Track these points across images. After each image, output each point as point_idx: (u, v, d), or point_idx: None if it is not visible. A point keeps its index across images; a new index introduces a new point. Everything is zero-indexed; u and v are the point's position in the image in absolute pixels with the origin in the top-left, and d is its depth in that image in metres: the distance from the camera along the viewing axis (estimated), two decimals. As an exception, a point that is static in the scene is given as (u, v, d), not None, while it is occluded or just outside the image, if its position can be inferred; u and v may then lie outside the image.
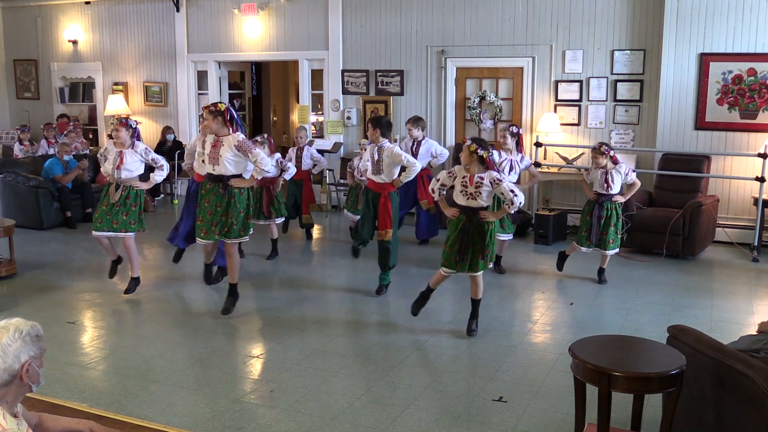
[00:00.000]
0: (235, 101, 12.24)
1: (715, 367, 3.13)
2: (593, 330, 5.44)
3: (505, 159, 6.92)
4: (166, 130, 11.54)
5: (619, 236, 6.78)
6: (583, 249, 6.83)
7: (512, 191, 5.15)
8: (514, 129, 7.04)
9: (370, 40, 10.28)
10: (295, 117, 13.60)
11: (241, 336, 5.52)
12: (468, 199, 5.24)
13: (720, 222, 8.31)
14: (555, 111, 9.26)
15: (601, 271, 6.90)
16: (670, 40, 8.39)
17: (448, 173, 5.38)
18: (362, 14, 10.27)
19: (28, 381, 2.35)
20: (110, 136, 6.32)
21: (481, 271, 5.35)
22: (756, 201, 7.95)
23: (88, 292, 6.61)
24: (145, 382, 4.59)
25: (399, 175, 6.32)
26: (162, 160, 6.39)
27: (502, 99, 9.63)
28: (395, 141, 8.40)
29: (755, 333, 3.71)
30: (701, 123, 8.41)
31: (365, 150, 7.58)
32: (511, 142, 6.97)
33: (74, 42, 12.63)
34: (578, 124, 9.18)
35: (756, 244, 7.83)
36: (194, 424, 4.00)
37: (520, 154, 7.03)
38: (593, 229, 6.69)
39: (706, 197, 8.05)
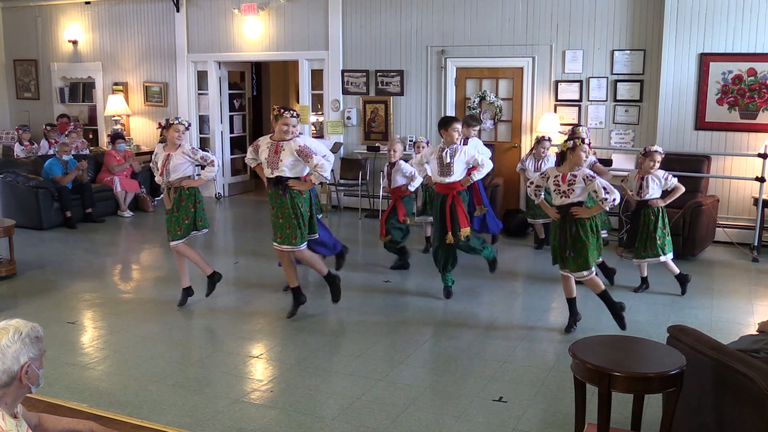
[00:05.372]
0: (235, 101, 12.23)
1: (715, 367, 3.13)
2: (593, 330, 5.44)
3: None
4: (166, 130, 11.52)
5: (669, 238, 6.34)
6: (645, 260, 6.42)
7: (604, 188, 5.15)
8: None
9: (370, 40, 10.28)
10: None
11: (241, 336, 5.51)
12: (561, 197, 5.27)
13: (720, 222, 8.30)
14: (555, 111, 9.26)
15: (679, 277, 6.41)
16: (670, 40, 8.39)
17: (541, 175, 5.47)
18: (362, 14, 10.27)
19: (27, 382, 2.34)
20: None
21: (585, 272, 5.31)
22: (756, 201, 7.95)
23: (88, 292, 6.61)
24: (145, 382, 4.59)
25: (468, 174, 6.12)
26: (211, 156, 6.19)
27: (502, 99, 9.63)
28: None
29: (755, 333, 3.71)
30: (701, 123, 8.40)
31: (419, 149, 7.41)
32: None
33: (74, 42, 12.62)
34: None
35: (756, 244, 7.82)
36: (194, 424, 4.00)
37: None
38: (631, 236, 6.38)
39: (706, 197, 8.05)
